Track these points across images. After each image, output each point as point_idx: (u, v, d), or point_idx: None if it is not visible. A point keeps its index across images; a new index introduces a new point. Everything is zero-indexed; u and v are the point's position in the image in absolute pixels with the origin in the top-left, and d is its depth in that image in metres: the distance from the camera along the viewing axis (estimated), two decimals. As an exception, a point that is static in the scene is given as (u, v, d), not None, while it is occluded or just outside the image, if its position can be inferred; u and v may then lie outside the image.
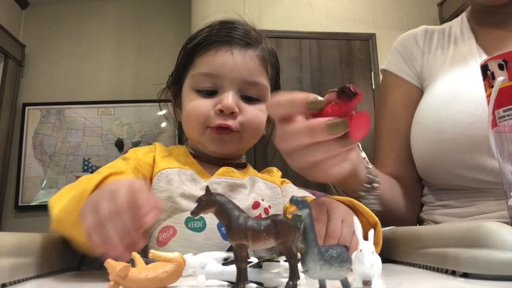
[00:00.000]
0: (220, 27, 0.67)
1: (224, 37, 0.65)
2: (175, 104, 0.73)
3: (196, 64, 0.66)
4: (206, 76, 0.64)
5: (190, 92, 0.65)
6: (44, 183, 3.12)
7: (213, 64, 0.63)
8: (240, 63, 0.64)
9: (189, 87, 0.66)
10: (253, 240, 0.30)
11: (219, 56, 0.64)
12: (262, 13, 2.99)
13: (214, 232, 0.57)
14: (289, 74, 2.90)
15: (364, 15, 3.07)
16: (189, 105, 0.64)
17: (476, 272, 0.35)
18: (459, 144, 0.64)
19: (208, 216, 0.57)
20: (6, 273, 0.37)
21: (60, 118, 3.23)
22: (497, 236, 0.34)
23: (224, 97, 0.62)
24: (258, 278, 0.35)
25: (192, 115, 0.64)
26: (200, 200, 0.31)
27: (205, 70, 0.64)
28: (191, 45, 0.68)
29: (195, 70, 0.65)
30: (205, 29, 0.69)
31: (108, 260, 0.31)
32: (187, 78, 0.67)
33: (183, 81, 0.68)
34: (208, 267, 0.35)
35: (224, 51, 0.64)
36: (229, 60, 0.63)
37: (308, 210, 0.29)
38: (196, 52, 0.66)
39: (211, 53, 0.64)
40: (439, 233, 0.42)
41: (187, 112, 0.65)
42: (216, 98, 0.63)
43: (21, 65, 3.26)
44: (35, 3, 3.41)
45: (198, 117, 0.63)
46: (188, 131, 0.67)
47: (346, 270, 0.28)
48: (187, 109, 0.65)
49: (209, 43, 0.65)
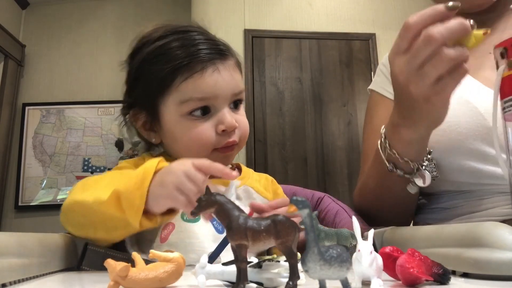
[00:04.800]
0: (193, 43, 0.64)
1: (205, 56, 0.63)
2: (145, 127, 0.68)
3: (180, 89, 0.62)
4: (200, 100, 0.62)
5: (181, 118, 0.63)
6: (44, 183, 3.12)
7: (204, 87, 0.62)
8: (228, 79, 0.64)
9: (179, 113, 0.63)
10: (253, 240, 0.30)
11: (208, 78, 0.62)
12: (262, 13, 2.99)
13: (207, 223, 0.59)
14: (289, 74, 2.90)
15: (364, 15, 3.07)
16: (189, 133, 0.63)
17: (476, 272, 0.35)
18: (437, 151, 0.66)
19: None
20: (6, 273, 0.37)
21: (60, 118, 3.23)
22: (497, 236, 0.34)
23: (224, 117, 0.62)
24: (258, 278, 0.35)
25: (197, 142, 0.63)
26: (200, 200, 0.31)
27: (198, 95, 0.62)
28: (165, 68, 0.62)
29: (183, 95, 0.62)
30: (172, 47, 0.64)
31: (108, 260, 0.31)
32: (169, 104, 0.63)
33: (158, 105, 0.64)
34: (208, 267, 0.35)
35: (211, 70, 0.62)
36: (219, 80, 0.62)
37: (308, 210, 0.29)
38: (175, 76, 0.62)
39: (198, 76, 0.62)
40: (439, 233, 0.42)
41: (190, 141, 0.63)
42: (214, 118, 0.63)
43: (21, 65, 3.26)
44: (35, 3, 3.41)
45: (204, 144, 0.63)
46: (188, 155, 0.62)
47: (346, 270, 0.28)
48: (189, 138, 0.63)
49: (193, 65, 0.62)
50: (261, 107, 2.82)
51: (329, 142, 2.84)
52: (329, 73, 2.94)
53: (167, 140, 0.67)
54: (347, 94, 2.91)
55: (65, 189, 3.09)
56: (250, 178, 0.71)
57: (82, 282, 0.43)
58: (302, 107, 2.86)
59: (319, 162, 2.80)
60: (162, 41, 0.64)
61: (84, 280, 0.45)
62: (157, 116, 0.65)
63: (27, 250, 0.42)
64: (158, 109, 0.65)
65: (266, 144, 2.77)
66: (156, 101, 0.64)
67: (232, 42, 0.71)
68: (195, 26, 0.69)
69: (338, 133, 2.86)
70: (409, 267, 0.32)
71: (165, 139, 0.67)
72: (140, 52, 0.66)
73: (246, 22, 2.93)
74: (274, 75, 2.89)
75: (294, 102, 2.87)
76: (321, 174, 2.79)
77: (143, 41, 0.67)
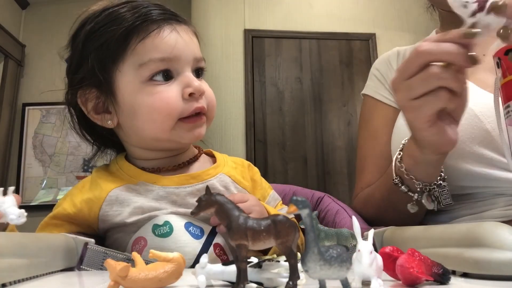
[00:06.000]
0: (144, 5, 0.59)
1: (159, 16, 0.58)
2: (96, 110, 0.61)
3: (137, 51, 0.56)
4: (162, 61, 0.56)
5: (142, 85, 0.57)
6: (44, 183, 3.12)
7: (164, 46, 0.57)
8: (188, 41, 0.60)
9: (139, 79, 0.57)
10: (253, 240, 0.30)
11: (167, 37, 0.57)
12: (262, 13, 2.99)
13: (182, 234, 0.56)
14: (289, 74, 2.90)
15: (364, 15, 3.07)
16: (151, 100, 0.56)
17: (476, 272, 0.35)
18: None
19: (174, 219, 0.57)
20: (6, 273, 0.37)
21: (60, 118, 3.23)
22: (497, 236, 0.34)
23: (190, 79, 0.58)
24: (258, 278, 0.35)
25: (161, 110, 0.56)
26: (200, 200, 0.31)
27: (157, 55, 0.56)
28: (117, 31, 0.56)
29: (141, 57, 0.56)
30: (121, 12, 0.58)
31: (108, 260, 0.31)
32: (126, 71, 0.57)
33: (112, 76, 0.58)
34: (208, 267, 0.35)
35: (168, 30, 0.58)
36: (178, 40, 0.58)
37: (308, 210, 0.29)
38: (130, 37, 0.56)
39: (155, 34, 0.57)
40: (439, 233, 0.42)
41: (153, 110, 0.56)
42: (178, 82, 0.58)
43: (21, 65, 3.26)
44: (35, 3, 3.41)
45: (170, 111, 0.56)
46: (150, 130, 0.58)
47: (346, 270, 0.28)
48: (152, 106, 0.56)
49: (147, 25, 0.57)
50: (261, 107, 2.82)
51: (329, 142, 2.84)
52: (329, 73, 2.94)
53: (125, 118, 0.59)
54: (347, 94, 2.91)
55: (65, 189, 3.09)
56: (225, 165, 0.66)
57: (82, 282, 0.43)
58: (302, 107, 2.86)
59: (319, 162, 2.80)
60: (109, 10, 0.59)
61: (84, 280, 0.45)
62: (112, 90, 0.58)
63: (27, 250, 0.42)
64: (112, 80, 0.58)
65: (266, 144, 2.77)
66: (110, 71, 0.58)
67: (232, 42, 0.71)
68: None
69: (338, 133, 2.86)
70: (409, 267, 0.32)
71: (122, 116, 0.59)
72: (83, 29, 0.60)
73: (246, 22, 2.93)
74: (274, 75, 2.89)
75: (294, 102, 2.87)
76: (321, 174, 2.79)
77: (85, 20, 0.61)
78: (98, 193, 0.59)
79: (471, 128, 0.64)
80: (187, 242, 0.56)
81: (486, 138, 0.63)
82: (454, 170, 0.65)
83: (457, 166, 0.65)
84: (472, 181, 0.65)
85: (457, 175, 0.66)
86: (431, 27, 0.91)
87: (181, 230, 0.56)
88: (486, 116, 0.63)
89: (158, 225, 0.56)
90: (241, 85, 2.84)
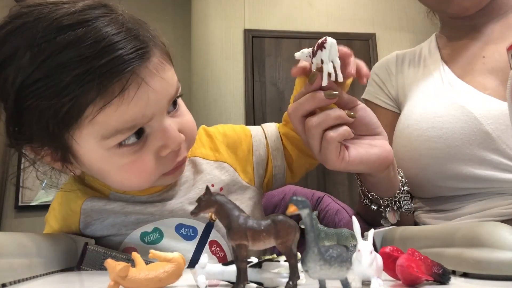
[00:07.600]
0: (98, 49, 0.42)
1: (122, 66, 0.43)
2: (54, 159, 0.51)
3: (97, 121, 0.44)
4: (130, 129, 0.46)
5: (108, 152, 0.47)
6: (44, 183, 3.11)
7: (131, 113, 0.45)
8: (160, 87, 0.47)
9: (103, 148, 0.47)
10: (253, 240, 0.30)
11: (134, 98, 0.44)
12: (262, 13, 2.99)
13: (174, 237, 0.55)
14: (289, 74, 2.87)
15: (364, 15, 3.07)
16: (124, 169, 0.49)
17: (476, 272, 0.35)
18: (434, 158, 0.67)
19: (162, 224, 0.55)
20: (6, 273, 0.37)
21: (60, 118, 3.23)
22: (497, 236, 0.34)
23: (166, 136, 0.48)
24: (258, 278, 0.35)
25: (138, 177, 0.50)
26: (200, 200, 0.31)
27: (126, 124, 0.45)
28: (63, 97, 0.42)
29: (105, 129, 0.45)
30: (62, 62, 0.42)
31: (108, 260, 0.31)
32: (84, 141, 0.46)
33: (66, 143, 0.47)
34: (208, 267, 0.35)
35: (135, 87, 0.44)
36: (150, 95, 0.45)
37: (308, 210, 0.29)
38: (83, 107, 0.43)
39: (118, 101, 0.43)
40: (439, 233, 0.42)
41: (128, 176, 0.50)
42: (152, 141, 0.48)
43: (21, 65, 3.25)
44: (35, 3, 3.41)
45: (148, 177, 0.50)
46: (125, 187, 0.54)
47: (346, 270, 0.28)
48: (126, 174, 0.49)
49: (104, 87, 0.42)
50: (261, 107, 2.82)
51: (329, 142, 2.84)
52: (329, 73, 2.94)
53: (93, 174, 0.54)
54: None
55: (65, 189, 3.09)
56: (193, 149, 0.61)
57: (82, 282, 0.43)
58: (302, 107, 2.86)
59: (319, 162, 2.80)
60: (44, 54, 0.42)
61: (84, 280, 0.45)
62: (71, 153, 0.49)
63: (27, 250, 0.42)
64: (68, 146, 0.48)
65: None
66: (61, 139, 0.46)
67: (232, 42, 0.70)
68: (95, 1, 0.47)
69: (338, 133, 2.86)
70: (409, 267, 0.32)
71: (89, 171, 0.53)
72: (8, 78, 0.44)
73: (246, 22, 2.93)
74: (274, 75, 2.89)
75: (294, 102, 2.87)
76: (321, 174, 2.78)
77: (8, 57, 0.44)
78: (73, 206, 0.57)
79: (471, 131, 0.64)
80: (179, 246, 0.54)
81: (486, 140, 0.63)
82: (456, 173, 0.65)
83: (459, 168, 0.65)
84: (474, 183, 0.65)
85: (459, 178, 0.65)
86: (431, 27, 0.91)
87: (172, 233, 0.55)
88: (486, 118, 0.63)
89: (147, 232, 0.55)
90: (241, 85, 2.84)
